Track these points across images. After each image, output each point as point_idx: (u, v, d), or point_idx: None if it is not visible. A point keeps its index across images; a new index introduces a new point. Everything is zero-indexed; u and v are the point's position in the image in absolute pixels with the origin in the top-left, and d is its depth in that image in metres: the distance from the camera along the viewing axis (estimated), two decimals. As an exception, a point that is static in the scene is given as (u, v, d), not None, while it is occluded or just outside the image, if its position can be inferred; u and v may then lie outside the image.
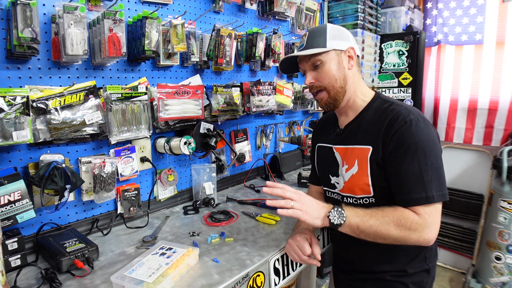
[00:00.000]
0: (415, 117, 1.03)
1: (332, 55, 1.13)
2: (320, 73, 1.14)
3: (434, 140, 1.03)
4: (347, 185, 1.16)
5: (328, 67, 1.13)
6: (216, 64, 1.72)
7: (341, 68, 1.14)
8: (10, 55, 1.12)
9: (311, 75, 1.16)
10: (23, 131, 1.08)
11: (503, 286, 2.55)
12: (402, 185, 1.02)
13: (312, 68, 1.16)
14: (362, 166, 1.10)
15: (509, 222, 2.49)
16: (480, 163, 3.03)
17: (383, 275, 1.16)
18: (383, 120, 1.07)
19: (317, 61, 1.14)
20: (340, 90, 1.15)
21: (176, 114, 1.53)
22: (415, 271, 1.14)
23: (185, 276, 1.04)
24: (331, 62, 1.13)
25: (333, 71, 1.13)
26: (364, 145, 1.10)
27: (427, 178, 0.99)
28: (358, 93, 1.18)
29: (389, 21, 2.90)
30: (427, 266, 1.16)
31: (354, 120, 1.19)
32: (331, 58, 1.13)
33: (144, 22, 1.35)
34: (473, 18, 2.91)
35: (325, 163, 1.28)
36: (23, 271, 1.09)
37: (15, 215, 1.10)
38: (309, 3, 2.33)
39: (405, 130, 1.01)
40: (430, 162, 1.00)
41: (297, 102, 2.28)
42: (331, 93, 1.15)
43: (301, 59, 1.19)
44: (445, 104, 3.10)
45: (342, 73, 1.14)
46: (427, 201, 0.98)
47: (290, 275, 1.27)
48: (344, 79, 1.14)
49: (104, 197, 1.37)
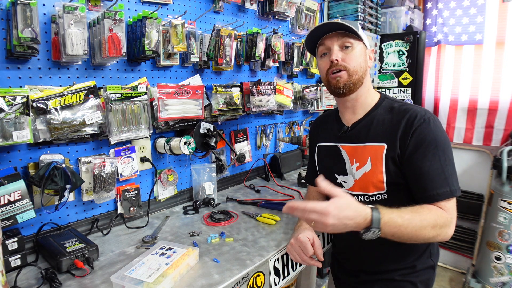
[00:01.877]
0: (431, 115, 1.07)
1: (361, 46, 1.15)
2: (348, 55, 1.12)
3: (447, 137, 1.07)
4: (358, 183, 1.16)
5: (357, 52, 1.13)
6: (216, 64, 1.72)
7: (365, 61, 1.16)
8: (10, 55, 1.12)
9: (339, 53, 1.13)
10: (23, 131, 1.08)
11: (503, 286, 2.55)
12: (426, 181, 1.03)
13: (340, 48, 1.13)
14: (376, 163, 1.11)
15: (509, 222, 2.49)
16: (480, 163, 3.03)
17: (392, 274, 1.16)
18: (400, 118, 1.09)
19: (348, 43, 1.12)
20: (360, 79, 1.15)
21: (176, 114, 1.53)
22: (423, 267, 1.16)
23: (185, 276, 1.04)
24: (360, 50, 1.14)
25: (360, 59, 1.14)
26: (378, 143, 1.11)
27: (447, 173, 1.02)
28: (370, 91, 1.20)
29: (389, 21, 2.90)
30: (432, 263, 1.18)
31: (363, 119, 1.18)
32: (360, 47, 1.14)
33: (144, 22, 1.35)
34: (473, 18, 2.91)
35: (329, 162, 1.26)
36: (23, 271, 1.09)
37: (15, 215, 1.10)
38: (309, 3, 2.33)
39: (425, 127, 1.04)
40: (448, 158, 1.03)
41: (297, 102, 2.28)
42: (353, 77, 1.13)
43: (332, 35, 1.13)
44: (445, 104, 3.10)
45: (365, 65, 1.16)
46: (451, 195, 1.00)
47: (290, 275, 1.27)
48: (365, 71, 1.16)
49: (104, 197, 1.37)
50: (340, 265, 1.36)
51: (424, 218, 0.96)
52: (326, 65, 1.15)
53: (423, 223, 0.95)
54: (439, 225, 0.97)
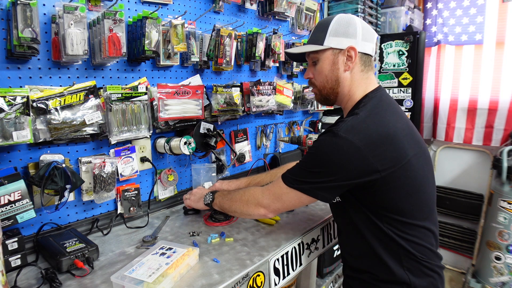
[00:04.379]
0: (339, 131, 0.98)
1: (327, 54, 1.10)
2: (316, 71, 1.14)
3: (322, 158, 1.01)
4: None
5: (321, 66, 1.11)
6: (216, 64, 1.72)
7: (334, 69, 1.10)
8: (10, 55, 1.12)
9: (310, 70, 1.17)
10: (23, 131, 1.08)
11: (503, 286, 2.55)
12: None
13: (312, 63, 1.16)
14: None
15: (509, 222, 2.49)
16: (480, 163, 3.04)
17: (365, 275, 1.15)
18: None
19: (314, 58, 1.14)
20: (331, 92, 1.13)
21: (176, 114, 1.54)
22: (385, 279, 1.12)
23: (185, 276, 1.04)
24: (325, 61, 1.10)
25: (326, 71, 1.11)
26: None
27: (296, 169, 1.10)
28: (355, 95, 1.12)
29: (389, 21, 2.90)
30: (404, 278, 1.13)
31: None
32: (326, 57, 1.10)
33: (144, 22, 1.35)
34: (473, 18, 2.91)
35: None
36: (23, 271, 1.09)
37: (15, 215, 1.10)
38: (309, 3, 2.33)
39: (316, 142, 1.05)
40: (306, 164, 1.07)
41: (297, 102, 2.28)
42: (323, 91, 1.15)
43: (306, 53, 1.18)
44: (445, 104, 3.10)
45: (335, 74, 1.10)
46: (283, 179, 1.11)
47: (290, 275, 1.27)
48: (336, 80, 1.11)
49: (104, 197, 1.37)
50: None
51: (241, 191, 1.26)
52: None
53: (237, 196, 1.25)
54: (248, 201, 1.20)
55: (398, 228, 1.03)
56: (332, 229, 1.53)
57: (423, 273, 1.05)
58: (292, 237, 1.31)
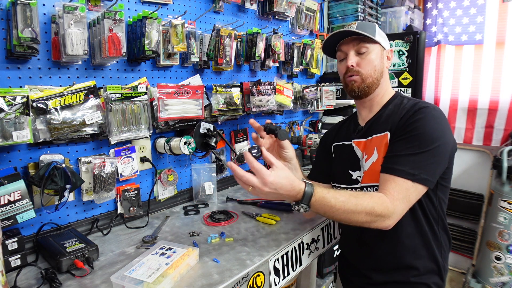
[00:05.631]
0: (434, 110, 1.09)
1: (377, 48, 1.20)
2: (363, 60, 1.19)
3: (444, 135, 1.06)
4: (367, 174, 1.17)
5: (372, 57, 1.18)
6: (216, 64, 1.72)
7: (381, 63, 1.21)
8: (10, 55, 1.12)
9: (354, 58, 1.19)
10: (23, 131, 1.08)
11: (503, 286, 2.55)
12: (393, 158, 1.07)
13: (356, 53, 1.20)
14: (380, 152, 1.13)
15: (509, 222, 2.49)
16: (480, 163, 3.03)
17: (408, 274, 1.16)
18: (403, 109, 1.15)
19: (364, 48, 1.18)
20: (375, 82, 1.20)
21: (176, 114, 1.53)
22: (443, 263, 1.23)
23: (185, 276, 1.04)
24: (376, 53, 1.19)
25: (375, 62, 1.19)
26: (382, 133, 1.16)
27: (418, 158, 1.03)
28: (388, 90, 1.25)
29: (389, 21, 2.90)
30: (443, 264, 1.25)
31: (374, 115, 1.24)
32: (376, 50, 1.19)
33: (144, 22, 1.35)
34: (473, 18, 2.91)
35: (345, 160, 1.28)
36: (23, 271, 1.09)
37: (15, 215, 1.10)
38: (309, 3, 2.33)
39: (419, 118, 1.06)
40: (428, 149, 1.03)
41: (297, 102, 2.28)
42: (367, 80, 1.19)
43: (348, 41, 1.20)
44: (445, 104, 3.10)
45: (381, 67, 1.20)
46: (408, 176, 1.02)
47: (290, 275, 1.27)
48: (381, 73, 1.21)
49: (104, 197, 1.37)
50: (349, 265, 1.32)
51: (360, 203, 0.98)
52: (343, 70, 1.23)
53: (358, 208, 0.97)
54: (376, 213, 0.98)
55: (442, 199, 1.18)
56: (332, 229, 1.53)
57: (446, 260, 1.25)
58: (292, 237, 1.31)
